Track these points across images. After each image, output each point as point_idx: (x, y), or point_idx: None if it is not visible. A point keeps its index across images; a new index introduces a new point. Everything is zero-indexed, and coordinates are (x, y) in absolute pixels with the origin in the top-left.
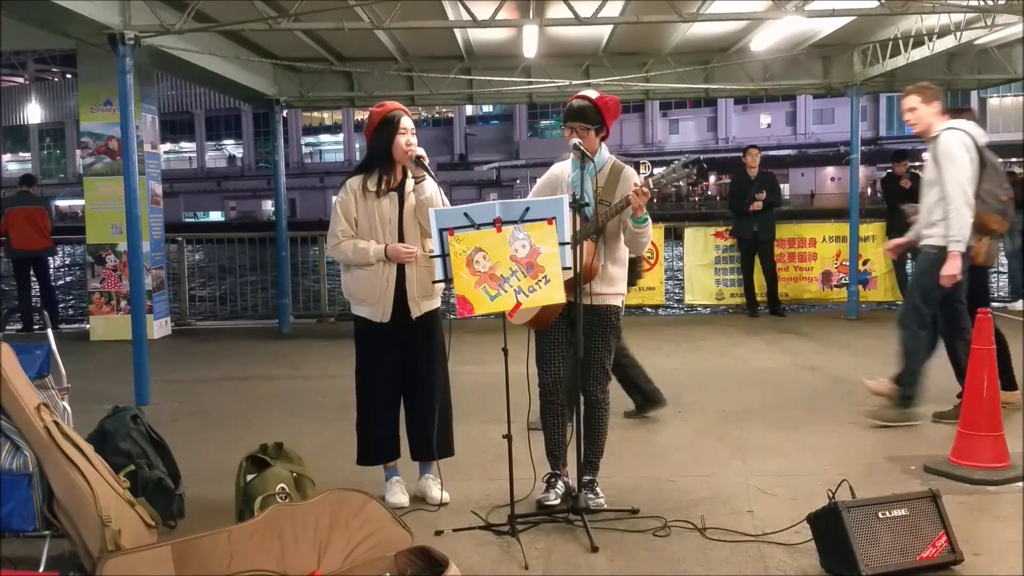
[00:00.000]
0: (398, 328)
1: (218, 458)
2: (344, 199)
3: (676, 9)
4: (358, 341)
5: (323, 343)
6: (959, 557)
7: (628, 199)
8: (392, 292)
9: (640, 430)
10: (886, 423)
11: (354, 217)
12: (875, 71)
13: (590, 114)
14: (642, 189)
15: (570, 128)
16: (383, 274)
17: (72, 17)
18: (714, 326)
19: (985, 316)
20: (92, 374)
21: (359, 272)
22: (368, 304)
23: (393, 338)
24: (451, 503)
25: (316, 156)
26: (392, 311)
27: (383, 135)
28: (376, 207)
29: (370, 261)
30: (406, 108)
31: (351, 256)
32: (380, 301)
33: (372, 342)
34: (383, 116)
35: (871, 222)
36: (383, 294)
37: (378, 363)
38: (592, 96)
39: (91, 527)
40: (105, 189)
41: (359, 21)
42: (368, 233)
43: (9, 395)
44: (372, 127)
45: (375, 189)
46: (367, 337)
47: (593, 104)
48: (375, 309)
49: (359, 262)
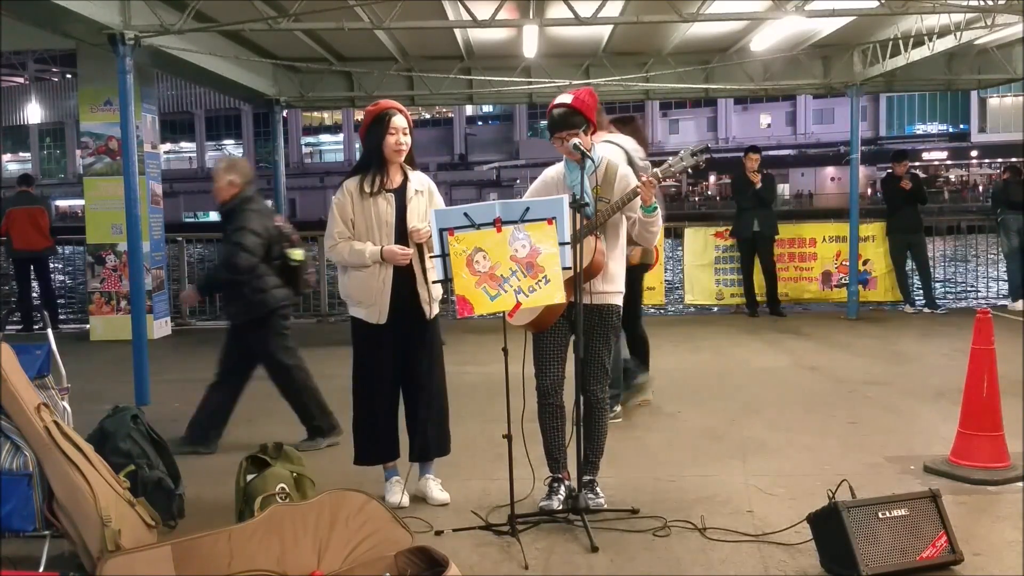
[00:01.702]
0: (395, 329)
1: (218, 458)
2: (340, 200)
3: (676, 9)
4: (355, 342)
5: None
6: (959, 557)
7: (636, 190)
8: (388, 293)
9: (640, 430)
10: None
11: (351, 218)
12: (875, 71)
13: (573, 119)
14: (650, 179)
15: (559, 139)
16: (379, 276)
17: (72, 17)
18: (714, 326)
19: (985, 316)
20: (92, 374)
21: (356, 273)
22: (364, 305)
23: (390, 339)
24: (451, 503)
25: (316, 156)
26: (389, 312)
27: (374, 134)
28: (372, 208)
29: (366, 263)
30: (402, 107)
31: (347, 257)
32: (376, 303)
33: (369, 343)
34: (375, 115)
35: (871, 222)
36: (379, 295)
37: (375, 364)
38: (567, 100)
39: (91, 527)
40: (105, 189)
41: (359, 21)
42: (365, 234)
43: (9, 395)
44: (365, 126)
45: (370, 190)
46: (364, 338)
47: (572, 108)
48: (371, 311)
49: (355, 263)
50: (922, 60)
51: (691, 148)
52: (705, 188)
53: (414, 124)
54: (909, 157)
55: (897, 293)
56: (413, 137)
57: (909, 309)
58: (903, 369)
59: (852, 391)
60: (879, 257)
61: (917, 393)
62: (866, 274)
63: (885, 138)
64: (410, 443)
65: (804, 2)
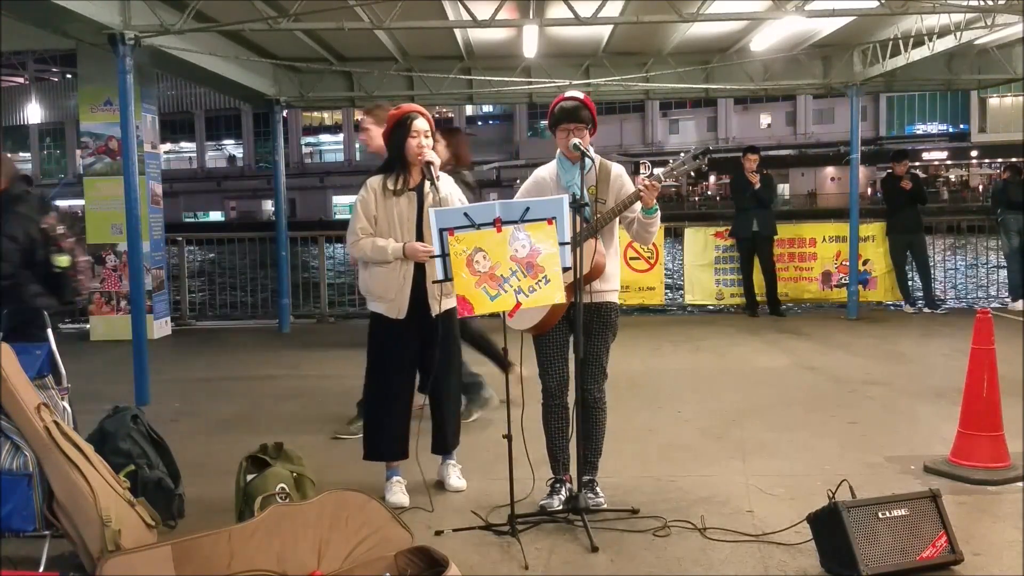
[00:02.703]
0: (413, 325)
1: (218, 458)
2: (364, 197)
3: (676, 9)
4: (372, 337)
5: (323, 343)
6: (959, 557)
7: (638, 192)
8: (409, 289)
9: (640, 430)
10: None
11: (373, 215)
12: (875, 71)
13: (584, 114)
14: (652, 182)
15: (565, 130)
16: (400, 271)
17: (72, 17)
18: (714, 326)
19: (985, 316)
20: (92, 374)
21: (377, 269)
22: (385, 301)
23: (408, 335)
24: (451, 503)
25: (316, 156)
26: (408, 308)
27: (396, 137)
28: (395, 206)
29: (388, 259)
30: (423, 110)
31: (369, 254)
32: (396, 298)
33: (386, 339)
34: (397, 118)
35: (871, 222)
36: (400, 291)
37: (391, 360)
38: (579, 96)
39: (91, 527)
40: (105, 189)
41: (359, 21)
42: (387, 231)
43: (9, 395)
44: (387, 129)
45: (393, 188)
46: (382, 333)
47: (583, 104)
48: (391, 306)
49: (377, 259)
50: (922, 60)
51: (692, 151)
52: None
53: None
54: (909, 157)
55: (897, 293)
56: (436, 139)
57: (909, 309)
58: (903, 369)
59: (852, 391)
60: (879, 257)
61: (917, 393)
62: (866, 274)
63: (885, 138)
64: (432, 436)
65: (804, 2)
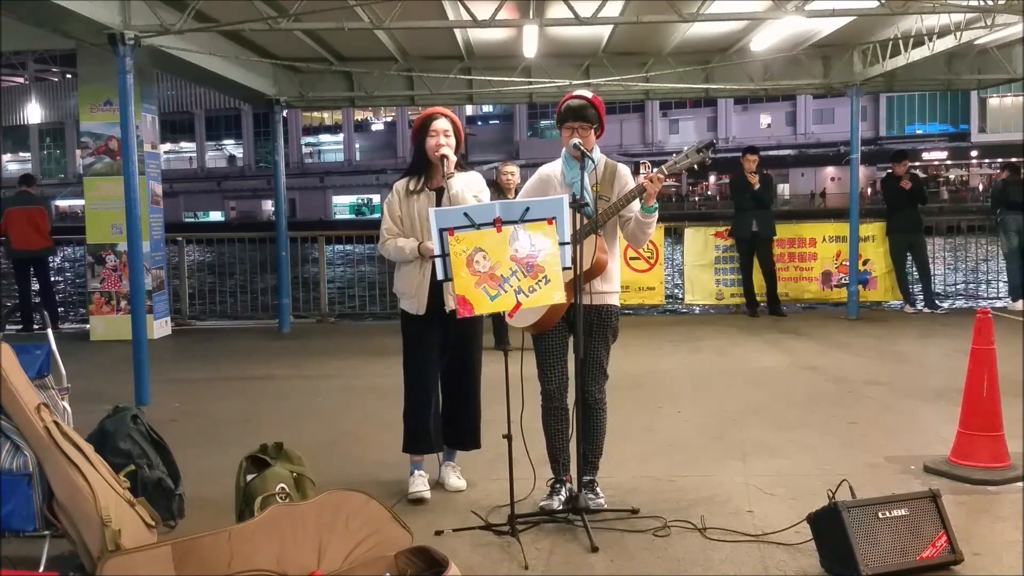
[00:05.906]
0: (436, 321)
1: (218, 458)
2: (390, 200)
3: (676, 9)
4: (403, 334)
5: (323, 343)
6: (959, 557)
7: (642, 187)
8: (427, 286)
9: (640, 430)
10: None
11: (398, 216)
12: (875, 71)
13: (590, 113)
14: (656, 176)
15: (570, 128)
16: (419, 270)
17: (72, 17)
18: (714, 326)
19: (985, 316)
20: (92, 374)
21: (404, 267)
22: (408, 297)
23: (431, 331)
24: (451, 503)
25: (316, 156)
26: (428, 305)
27: (419, 138)
28: (415, 205)
29: (407, 257)
30: (448, 112)
31: (393, 253)
32: (417, 295)
33: (413, 335)
34: (421, 120)
35: (871, 222)
36: (419, 288)
37: (418, 355)
38: (588, 95)
39: (91, 527)
40: (105, 189)
41: (359, 21)
42: (410, 231)
43: (9, 395)
44: (413, 131)
45: (414, 189)
46: (409, 330)
47: (591, 103)
48: (412, 302)
49: (399, 258)
50: (922, 60)
51: (696, 144)
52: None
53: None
54: (909, 157)
55: (897, 293)
56: (460, 138)
57: (909, 309)
58: (903, 369)
59: (852, 391)
60: (879, 257)
61: (917, 393)
62: (866, 274)
63: (885, 138)
64: (444, 429)
65: (804, 2)
